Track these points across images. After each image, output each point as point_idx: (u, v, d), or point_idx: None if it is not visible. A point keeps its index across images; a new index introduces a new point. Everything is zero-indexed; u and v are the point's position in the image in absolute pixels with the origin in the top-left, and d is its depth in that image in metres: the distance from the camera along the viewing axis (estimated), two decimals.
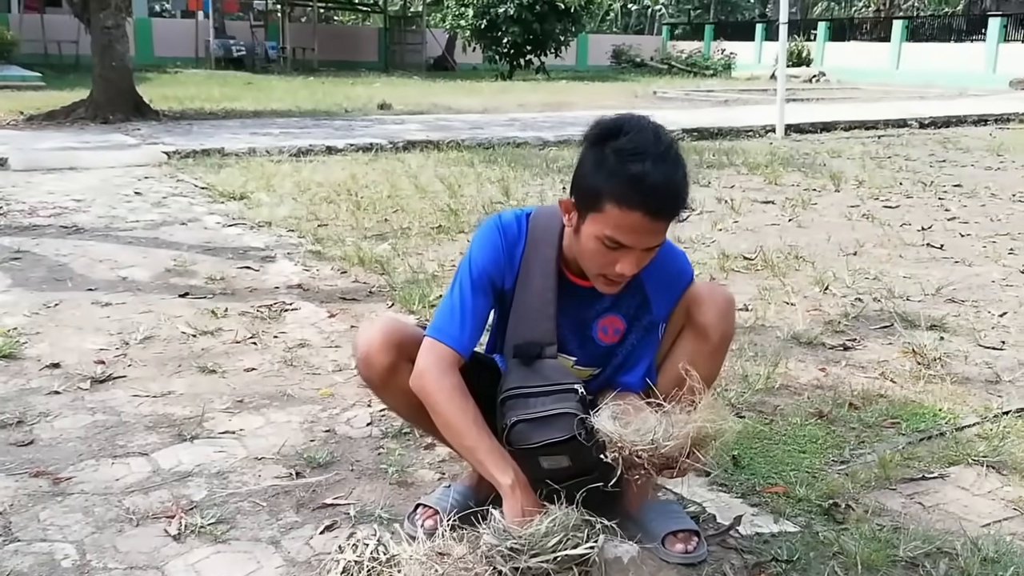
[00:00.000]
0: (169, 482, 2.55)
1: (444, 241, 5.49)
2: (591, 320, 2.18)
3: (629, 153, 1.86)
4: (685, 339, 2.18)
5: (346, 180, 7.47)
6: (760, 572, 2.09)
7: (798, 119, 11.75)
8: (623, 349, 2.22)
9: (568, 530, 1.83)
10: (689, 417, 1.87)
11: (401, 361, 2.12)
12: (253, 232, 5.76)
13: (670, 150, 1.90)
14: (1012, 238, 5.75)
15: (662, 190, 1.85)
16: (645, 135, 1.89)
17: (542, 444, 2.01)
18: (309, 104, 14.92)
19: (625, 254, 1.92)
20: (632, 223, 1.87)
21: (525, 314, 2.13)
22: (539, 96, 18.31)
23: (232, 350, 3.63)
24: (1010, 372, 3.41)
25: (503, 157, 8.82)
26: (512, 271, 2.13)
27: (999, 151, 10.12)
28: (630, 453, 1.86)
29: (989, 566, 2.09)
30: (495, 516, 1.91)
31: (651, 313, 2.17)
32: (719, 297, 2.16)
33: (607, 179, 1.88)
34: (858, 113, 13.30)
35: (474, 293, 2.10)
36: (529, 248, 2.13)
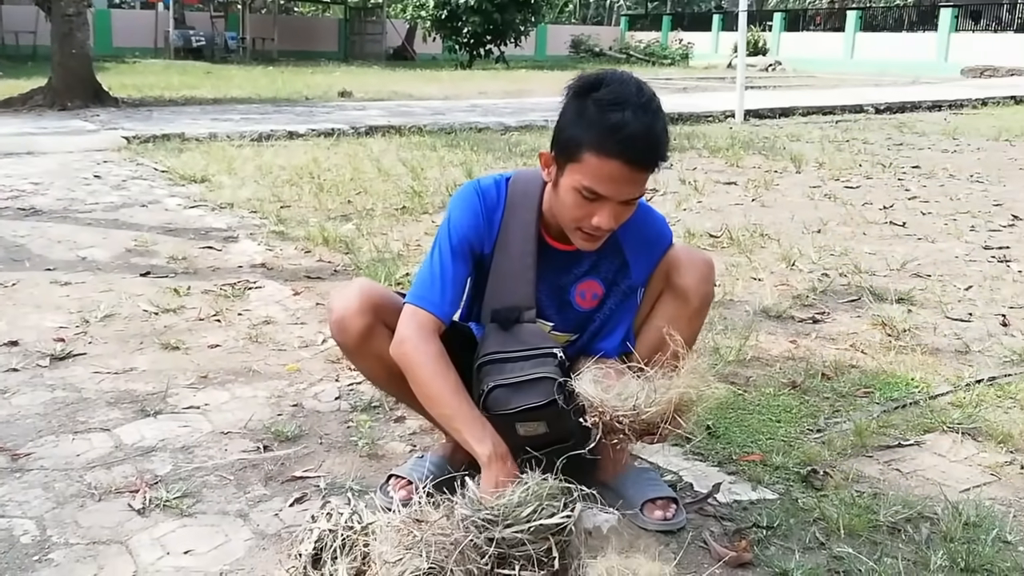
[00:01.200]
0: (132, 457, 2.48)
1: (408, 221, 5.43)
2: (569, 285, 2.15)
3: (609, 103, 1.83)
4: (664, 303, 2.15)
5: (308, 163, 7.38)
6: (741, 538, 2.06)
7: (757, 105, 11.81)
8: (601, 314, 2.19)
9: (543, 499, 1.78)
10: (672, 382, 1.83)
11: (377, 325, 2.07)
12: (215, 213, 5.67)
13: (651, 102, 1.87)
14: (972, 216, 5.81)
15: (641, 139, 1.82)
16: (627, 86, 1.87)
17: (520, 410, 1.98)
18: (269, 92, 14.77)
19: (602, 206, 1.89)
20: (611, 172, 1.84)
21: (504, 279, 2.09)
22: (499, 84, 18.25)
23: (195, 327, 3.55)
24: (979, 342, 3.44)
25: (465, 141, 8.77)
26: (491, 236, 2.09)
27: (954, 135, 10.25)
28: (611, 418, 1.82)
29: (971, 529, 2.09)
30: (469, 486, 1.86)
31: (630, 277, 2.14)
32: (698, 260, 2.13)
33: (587, 128, 1.85)
34: (815, 99, 13.38)
35: (454, 259, 2.05)
36: (508, 212, 2.09)
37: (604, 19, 52.02)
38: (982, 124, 11.28)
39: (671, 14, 41.06)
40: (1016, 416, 2.75)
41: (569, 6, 47.50)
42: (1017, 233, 5.32)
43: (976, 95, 14.61)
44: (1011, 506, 2.24)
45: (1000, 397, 2.88)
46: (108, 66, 19.66)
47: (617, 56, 33.01)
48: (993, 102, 14.19)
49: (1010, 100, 14.46)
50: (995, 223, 5.59)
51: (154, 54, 27.20)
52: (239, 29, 29.07)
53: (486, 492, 1.84)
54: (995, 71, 22.18)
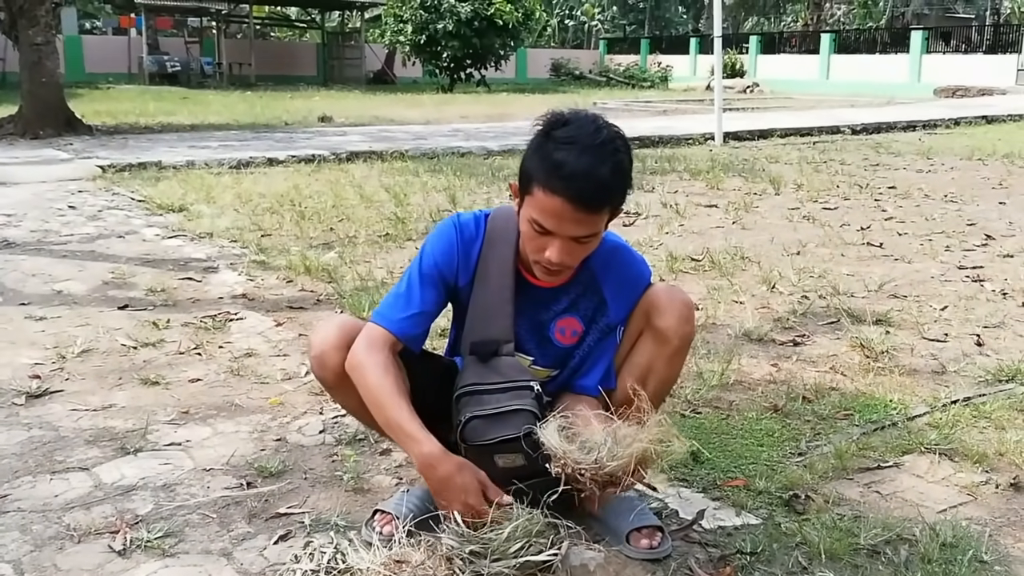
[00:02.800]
0: (112, 497, 2.44)
1: (392, 249, 5.41)
2: (549, 321, 2.17)
3: (562, 140, 1.88)
4: (645, 343, 2.17)
5: (289, 191, 7.35)
6: (725, 565, 2.06)
7: (736, 127, 11.88)
8: (581, 351, 2.21)
9: (531, 535, 1.78)
10: (636, 436, 1.84)
11: None
12: (194, 243, 5.63)
13: (605, 144, 1.89)
14: (947, 236, 5.86)
15: (582, 179, 1.84)
16: (585, 127, 1.91)
17: (496, 441, 1.98)
18: (248, 118, 14.74)
19: (552, 240, 1.92)
20: (554, 208, 1.87)
21: (483, 312, 2.11)
22: (481, 108, 18.32)
23: (175, 361, 3.51)
24: (955, 363, 3.46)
25: (448, 166, 8.77)
26: (468, 269, 2.11)
27: (929, 154, 10.34)
28: (573, 470, 1.82)
29: (948, 550, 2.10)
30: (455, 519, 1.84)
31: (608, 316, 2.17)
32: (678, 301, 2.14)
33: (539, 163, 1.89)
34: (793, 121, 13.49)
35: (422, 283, 2.08)
36: (487, 247, 2.11)
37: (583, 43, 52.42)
38: (955, 144, 11.40)
39: (649, 37, 41.41)
40: (991, 436, 2.77)
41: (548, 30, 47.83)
42: (990, 253, 5.37)
43: (949, 115, 14.78)
44: (987, 525, 2.26)
45: (975, 417, 2.91)
46: (81, 92, 19.62)
47: (597, 79, 33.25)
48: (965, 122, 14.35)
49: (982, 120, 14.64)
50: (969, 243, 5.64)
51: (128, 80, 27.17)
52: (215, 54, 29.09)
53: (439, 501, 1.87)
54: (966, 91, 22.52)
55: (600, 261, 2.07)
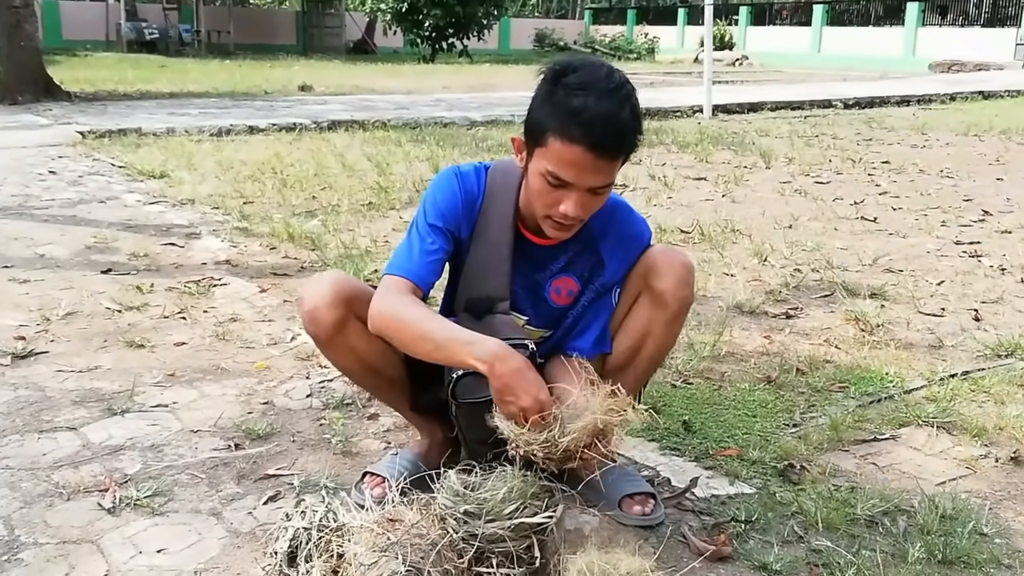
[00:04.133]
0: (100, 456, 2.43)
1: (375, 217, 5.39)
2: (545, 281, 2.14)
3: (575, 87, 1.82)
4: (642, 306, 2.14)
5: (270, 159, 7.30)
6: (720, 532, 2.06)
7: (725, 100, 11.81)
8: (575, 311, 2.19)
9: (526, 497, 1.77)
10: (586, 408, 1.79)
11: (349, 317, 2.04)
12: (176, 210, 5.59)
13: (620, 88, 1.85)
14: (943, 211, 5.84)
15: (603, 124, 1.79)
16: (596, 72, 1.86)
17: (487, 399, 1.95)
18: (227, 86, 14.59)
19: (568, 193, 1.87)
20: (573, 157, 1.81)
21: (480, 269, 2.08)
22: (463, 78, 18.19)
23: (160, 325, 3.49)
24: (952, 337, 3.45)
25: (431, 136, 8.72)
26: (469, 222, 2.08)
27: (923, 130, 10.28)
28: (526, 452, 1.78)
29: (948, 522, 2.10)
30: (450, 476, 1.84)
31: (604, 275, 2.14)
32: (677, 263, 2.10)
33: (551, 112, 1.83)
34: (783, 94, 13.41)
35: (430, 232, 2.03)
36: (487, 201, 2.07)
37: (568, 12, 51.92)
38: (951, 119, 11.35)
39: (636, 8, 40.95)
40: (990, 410, 2.77)
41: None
42: (987, 228, 5.35)
43: (944, 90, 14.67)
44: (986, 499, 2.26)
45: (974, 391, 2.90)
46: (59, 59, 19.31)
47: (582, 50, 32.98)
48: (961, 97, 14.25)
49: (978, 95, 14.51)
50: (966, 218, 5.62)
51: (106, 47, 26.80)
52: (193, 22, 28.69)
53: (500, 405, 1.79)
54: (962, 66, 22.21)
55: (600, 219, 2.03)
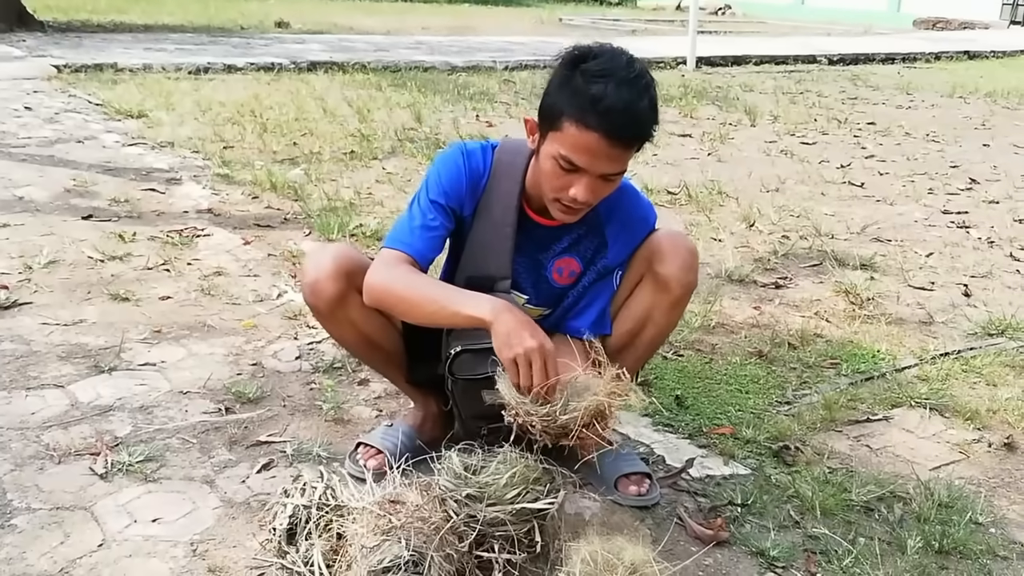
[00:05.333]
0: (89, 416, 2.41)
1: (358, 167, 5.32)
2: (547, 260, 2.13)
3: (595, 74, 1.80)
4: (644, 289, 2.13)
5: (249, 100, 7.17)
6: (717, 516, 2.07)
7: (708, 52, 11.65)
8: (575, 291, 2.18)
9: (528, 482, 1.77)
10: (591, 388, 1.79)
11: (350, 291, 2.02)
12: (155, 152, 5.49)
13: (640, 78, 1.83)
14: (930, 178, 5.83)
15: (622, 113, 1.78)
16: (616, 60, 1.84)
17: (484, 376, 1.94)
18: (202, 19, 14.27)
19: (580, 178, 1.85)
20: (588, 143, 1.80)
21: (482, 247, 2.06)
22: (442, 19, 17.91)
23: (144, 277, 3.44)
24: (942, 313, 3.46)
25: (412, 81, 8.59)
26: (473, 200, 2.06)
27: (908, 90, 10.23)
28: (524, 421, 1.78)
29: (944, 511, 2.11)
30: (452, 458, 1.84)
31: (607, 257, 2.13)
32: (682, 248, 2.09)
33: (569, 97, 1.82)
34: (768, 48, 13.25)
35: (432, 207, 2.02)
36: (493, 180, 2.05)
37: None
38: (936, 79, 11.29)
39: None
40: (982, 392, 2.79)
41: None
42: (975, 198, 5.35)
43: (929, 48, 14.50)
44: (981, 486, 2.27)
45: (966, 372, 2.91)
46: None
47: None
48: (946, 56, 14.11)
49: (963, 55, 14.36)
50: (953, 186, 5.61)
51: None
52: None
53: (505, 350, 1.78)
54: (947, 23, 21.95)
55: (606, 202, 2.00)
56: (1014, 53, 15.19)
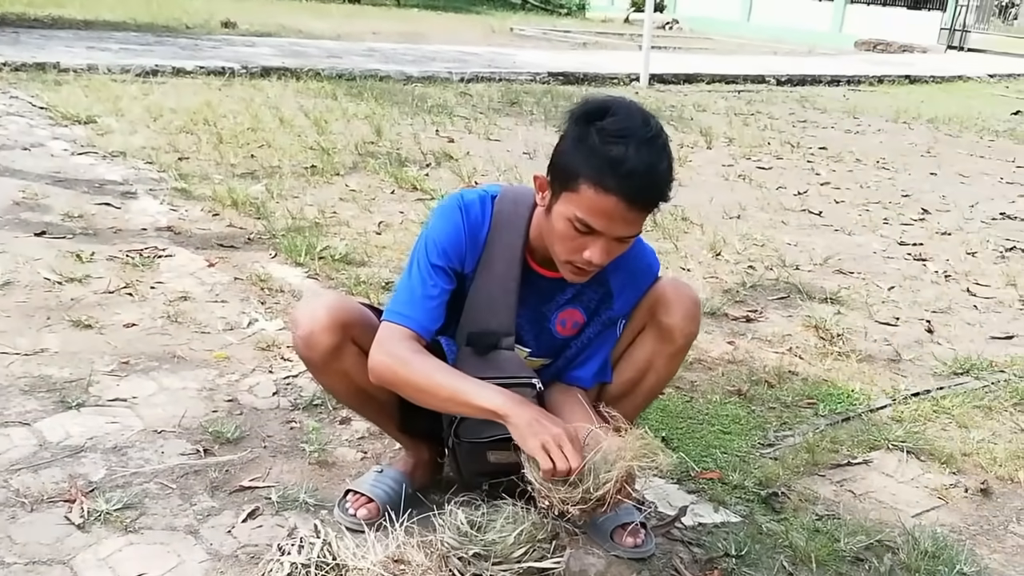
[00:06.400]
0: (60, 458, 2.32)
1: (320, 184, 5.23)
2: (551, 312, 2.09)
3: (613, 134, 1.74)
4: (647, 338, 2.11)
5: (201, 107, 7.01)
6: (712, 568, 2.06)
7: (661, 69, 11.70)
8: (579, 342, 2.14)
9: (535, 541, 1.74)
10: (619, 455, 1.76)
11: (345, 342, 1.97)
12: (107, 162, 5.33)
13: (658, 137, 1.78)
14: (884, 207, 5.92)
15: (642, 177, 1.73)
16: (633, 119, 1.78)
17: (491, 439, 1.91)
18: (144, 16, 13.93)
19: (595, 240, 1.80)
20: (606, 207, 1.75)
21: (485, 303, 2.00)
22: (392, 24, 17.77)
23: (106, 301, 3.33)
24: (908, 350, 3.52)
25: (368, 91, 8.49)
26: (475, 255, 1.99)
27: (855, 113, 10.39)
28: (560, 508, 1.75)
29: (930, 560, 2.14)
30: (457, 515, 1.80)
31: (612, 309, 2.09)
32: (686, 299, 2.07)
33: (586, 158, 1.75)
34: (718, 66, 13.35)
35: (434, 273, 1.95)
36: (494, 232, 1.99)
37: None
38: (880, 103, 11.51)
39: None
40: (954, 434, 2.84)
41: None
42: (928, 229, 5.45)
43: (872, 72, 14.82)
44: (962, 533, 2.31)
45: (936, 412, 2.96)
46: None
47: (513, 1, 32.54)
48: (889, 80, 14.44)
49: (904, 79, 14.71)
50: (906, 216, 5.71)
51: None
52: None
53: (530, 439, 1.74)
54: (887, 46, 22.40)
55: None
56: (952, 78, 15.60)
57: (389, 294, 3.58)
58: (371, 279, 3.72)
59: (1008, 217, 5.90)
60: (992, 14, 24.39)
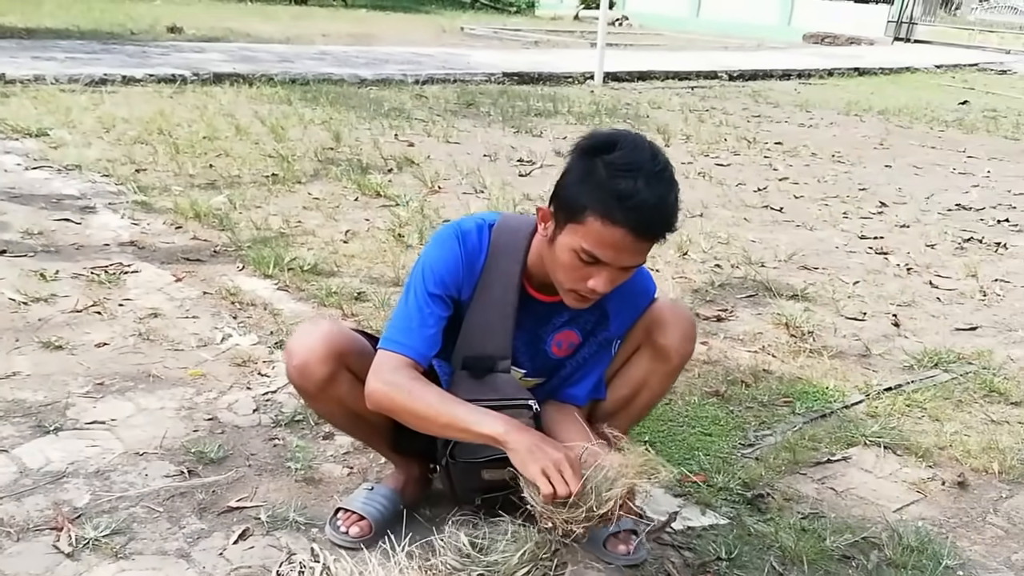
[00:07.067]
0: (42, 485, 2.28)
1: (282, 192, 5.19)
2: (547, 334, 2.10)
3: (621, 168, 1.75)
4: (642, 357, 2.13)
5: (155, 117, 6.91)
6: (705, 572, 2.09)
7: (615, 67, 11.72)
8: (574, 362, 2.16)
9: (537, 559, 1.76)
10: (620, 473, 1.79)
11: (340, 370, 1.98)
12: (62, 177, 5.24)
13: (665, 170, 1.80)
14: (842, 201, 6.01)
15: (651, 210, 1.75)
16: (641, 152, 1.79)
17: (491, 459, 1.93)
18: (88, 23, 13.67)
19: (600, 270, 1.82)
20: (614, 240, 1.76)
21: (481, 328, 2.01)
22: (341, 26, 17.64)
23: (74, 320, 3.28)
24: (877, 345, 3.59)
25: (323, 96, 8.44)
26: (471, 282, 2.00)
27: (807, 107, 10.53)
28: (563, 526, 1.77)
29: (915, 555, 2.18)
30: (459, 536, 1.81)
31: (608, 330, 2.11)
32: (683, 320, 2.10)
33: (593, 191, 1.77)
34: (671, 63, 13.45)
35: (431, 301, 1.96)
36: (491, 260, 2.00)
37: None
38: (831, 96, 11.66)
39: None
40: (928, 427, 2.90)
41: None
42: (887, 222, 5.55)
43: (822, 65, 15.02)
44: (943, 527, 2.37)
45: (909, 406, 3.02)
46: None
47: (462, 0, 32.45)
48: (839, 73, 14.63)
49: (854, 72, 14.92)
50: (865, 210, 5.80)
51: None
52: None
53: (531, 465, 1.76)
54: (835, 38, 22.61)
55: None
56: (900, 70, 15.86)
57: (361, 305, 3.58)
58: (342, 290, 3.70)
59: (963, 208, 6.02)
60: (938, 5, 24.78)
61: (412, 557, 1.76)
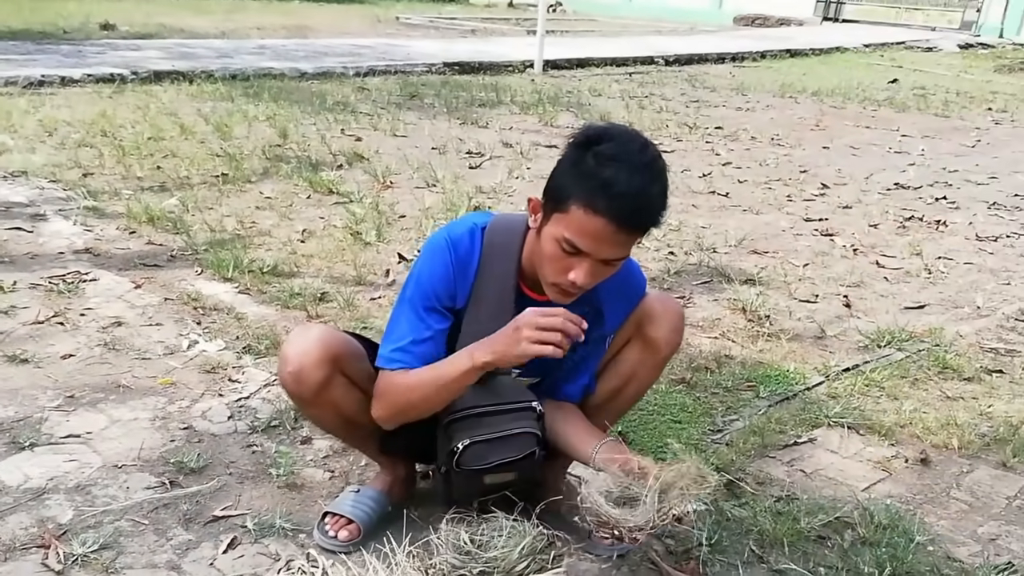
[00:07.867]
0: (24, 503, 2.27)
1: (233, 192, 5.16)
2: None
3: (607, 157, 1.76)
4: (633, 349, 2.16)
5: (97, 118, 6.80)
6: (688, 559, 2.15)
7: (553, 55, 11.79)
8: (570, 360, 2.15)
9: (536, 553, 1.81)
10: (676, 482, 1.84)
11: (335, 374, 1.99)
12: (8, 183, 5.15)
13: (652, 163, 1.80)
14: (785, 184, 6.15)
15: (632, 200, 1.74)
16: (630, 144, 1.80)
17: (495, 464, 1.97)
18: (17, 21, 13.33)
19: (581, 261, 1.81)
20: (594, 229, 1.76)
21: (479, 333, 1.99)
22: (275, 18, 17.44)
23: (37, 333, 3.25)
24: (831, 326, 3.70)
25: (265, 91, 8.36)
26: (465, 289, 2.00)
27: (743, 90, 10.70)
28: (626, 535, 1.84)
29: (886, 533, 2.27)
30: (459, 534, 1.85)
31: (603, 327, 2.12)
32: (672, 312, 2.13)
33: (578, 179, 1.77)
34: (608, 49, 13.54)
35: (426, 315, 1.97)
36: (484, 263, 2.00)
37: None
38: (765, 78, 11.86)
39: None
40: (887, 406, 3.01)
41: None
42: (830, 203, 5.69)
43: (755, 47, 15.23)
44: (909, 503, 2.47)
45: (868, 386, 3.13)
46: None
47: None
48: (771, 55, 14.87)
49: (785, 53, 15.20)
50: (807, 191, 5.95)
51: None
52: None
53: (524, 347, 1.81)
54: (765, 19, 22.86)
55: None
56: (830, 50, 16.19)
57: (326, 306, 3.59)
58: (305, 291, 3.70)
59: (902, 187, 6.20)
60: None
61: (412, 557, 1.79)
